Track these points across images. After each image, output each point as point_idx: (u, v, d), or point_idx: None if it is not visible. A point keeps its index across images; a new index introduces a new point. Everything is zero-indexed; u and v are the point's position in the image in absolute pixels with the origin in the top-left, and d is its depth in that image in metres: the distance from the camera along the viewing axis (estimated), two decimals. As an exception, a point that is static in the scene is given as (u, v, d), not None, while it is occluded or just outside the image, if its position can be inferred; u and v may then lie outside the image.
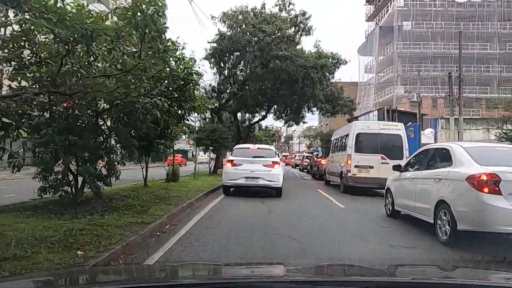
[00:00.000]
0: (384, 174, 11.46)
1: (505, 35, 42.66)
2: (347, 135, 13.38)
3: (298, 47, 19.57)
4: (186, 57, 7.23)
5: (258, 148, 12.32)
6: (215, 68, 21.32)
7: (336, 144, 15.48)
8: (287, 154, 62.56)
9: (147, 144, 10.32)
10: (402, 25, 45.19)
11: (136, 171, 12.29)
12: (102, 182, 7.37)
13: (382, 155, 12.39)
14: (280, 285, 1.64)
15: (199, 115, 23.66)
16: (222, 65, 20.74)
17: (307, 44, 28.99)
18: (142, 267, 3.19)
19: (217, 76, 21.70)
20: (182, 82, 7.32)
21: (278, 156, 12.54)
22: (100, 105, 7.28)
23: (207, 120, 23.92)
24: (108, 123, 8.23)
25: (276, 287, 1.63)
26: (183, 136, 26.25)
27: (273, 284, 1.66)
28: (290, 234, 5.80)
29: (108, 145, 7.07)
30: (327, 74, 20.02)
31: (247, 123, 28.55)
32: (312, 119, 70.81)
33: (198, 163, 18.46)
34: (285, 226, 6.51)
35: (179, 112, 8.11)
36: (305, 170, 29.20)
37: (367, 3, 52.74)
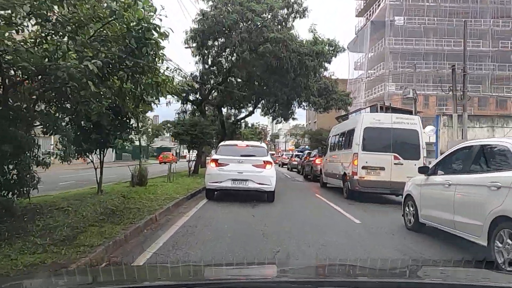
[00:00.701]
0: (397, 177, 9.87)
1: (498, 32, 41.94)
2: (352, 130, 11.20)
3: (291, 32, 17.25)
4: (140, 1, 4.64)
5: (247, 146, 10.23)
6: (197, 57, 19.02)
7: (337, 141, 13.26)
8: (273, 152, 60.85)
9: (101, 138, 7.84)
10: (394, 20, 43.83)
11: (114, 169, 9.72)
12: (11, 193, 4.86)
13: (395, 154, 10.30)
14: (272, 285, 1.61)
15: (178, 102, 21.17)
16: (205, 51, 18.34)
17: (301, 30, 27.23)
18: (143, 267, 3.10)
19: (200, 65, 19.38)
20: (136, 45, 4.82)
21: (270, 155, 10.43)
22: (9, 73, 4.76)
23: (188, 113, 21.49)
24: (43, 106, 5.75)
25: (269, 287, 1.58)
26: (166, 134, 23.84)
27: (266, 285, 1.62)
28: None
29: (19, 138, 4.53)
30: (324, 62, 17.80)
31: (233, 119, 26.25)
32: (300, 115, 69.06)
33: (187, 161, 16.74)
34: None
35: (135, 90, 5.54)
36: (294, 170, 27.26)
37: (358, -2, 51.20)
